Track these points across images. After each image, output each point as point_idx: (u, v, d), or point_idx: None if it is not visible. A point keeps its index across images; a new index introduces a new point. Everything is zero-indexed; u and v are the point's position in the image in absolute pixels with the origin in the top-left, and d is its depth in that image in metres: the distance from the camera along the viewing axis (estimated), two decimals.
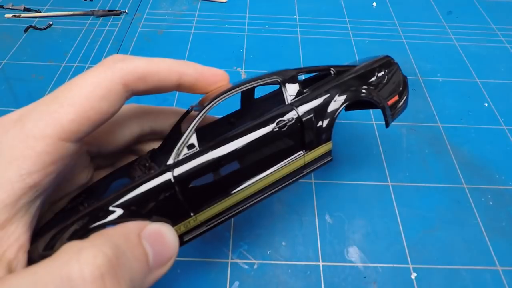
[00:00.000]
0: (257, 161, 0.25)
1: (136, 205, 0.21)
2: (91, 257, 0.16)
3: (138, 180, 0.21)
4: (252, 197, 0.25)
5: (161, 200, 0.21)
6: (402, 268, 0.34)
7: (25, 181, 0.18)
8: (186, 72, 0.23)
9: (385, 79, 0.30)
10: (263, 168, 0.25)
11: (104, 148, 0.26)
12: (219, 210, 0.24)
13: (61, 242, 0.19)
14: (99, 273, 0.16)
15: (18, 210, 0.18)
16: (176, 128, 0.27)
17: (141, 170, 0.23)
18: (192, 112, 0.27)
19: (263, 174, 0.25)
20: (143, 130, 0.27)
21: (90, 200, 0.22)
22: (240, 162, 0.24)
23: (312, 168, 0.27)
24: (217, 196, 0.24)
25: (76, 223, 0.20)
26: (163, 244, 0.20)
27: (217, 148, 0.23)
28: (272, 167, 0.25)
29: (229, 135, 0.23)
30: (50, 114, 0.19)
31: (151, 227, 0.20)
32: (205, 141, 0.23)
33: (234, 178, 0.24)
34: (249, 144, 0.23)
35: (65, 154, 0.19)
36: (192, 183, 0.22)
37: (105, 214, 0.20)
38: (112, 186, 0.24)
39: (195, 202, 0.23)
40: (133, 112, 0.27)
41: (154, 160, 0.24)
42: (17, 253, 0.18)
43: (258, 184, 0.25)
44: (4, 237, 0.18)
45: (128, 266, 0.18)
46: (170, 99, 0.48)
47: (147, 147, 0.29)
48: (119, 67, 0.21)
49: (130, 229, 0.19)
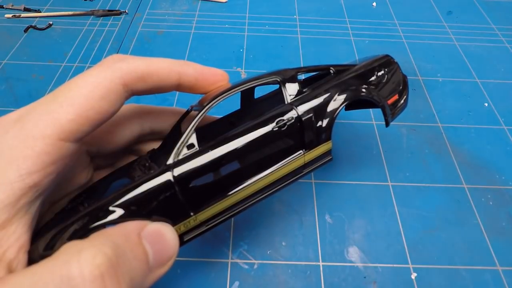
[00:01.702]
0: (256, 161, 0.25)
1: (136, 205, 0.21)
2: (91, 257, 0.16)
3: (138, 180, 0.21)
4: (252, 197, 0.25)
5: (161, 200, 0.21)
6: (402, 268, 0.34)
7: (25, 181, 0.18)
8: (186, 72, 0.23)
9: (385, 78, 0.30)
10: (263, 168, 0.25)
11: (104, 148, 0.26)
12: (219, 209, 0.24)
13: (61, 242, 0.19)
14: (99, 272, 0.16)
15: (18, 210, 0.18)
16: (176, 128, 0.27)
17: (141, 170, 0.23)
18: (192, 112, 0.27)
19: (263, 174, 0.25)
20: (143, 130, 0.27)
21: (90, 200, 0.22)
22: (240, 162, 0.24)
23: (312, 168, 0.27)
24: (217, 195, 0.24)
25: (76, 223, 0.20)
26: (163, 243, 0.20)
27: (216, 148, 0.23)
28: (272, 166, 0.25)
29: (228, 135, 0.23)
30: (50, 114, 0.19)
31: (151, 227, 0.20)
32: (205, 141, 0.23)
33: (234, 178, 0.24)
34: (248, 144, 0.23)
35: (64, 154, 0.19)
36: (192, 183, 0.22)
37: (105, 214, 0.20)
38: (112, 186, 0.24)
39: (195, 201, 0.23)
40: (133, 112, 0.27)
41: (154, 160, 0.24)
42: (17, 253, 0.18)
43: (258, 184, 0.25)
44: (4, 237, 0.18)
45: (128, 265, 0.18)
46: (170, 99, 0.48)
47: (147, 147, 0.29)
48: (119, 67, 0.21)
49: (130, 228, 0.19)
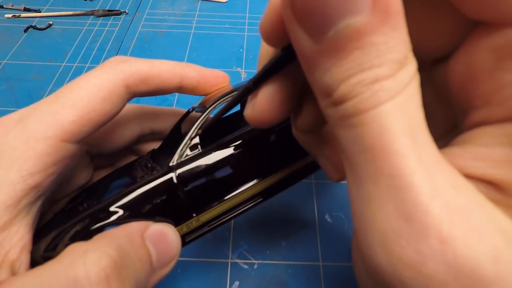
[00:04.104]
0: (259, 163, 0.25)
1: (139, 205, 0.21)
2: (97, 259, 0.16)
3: (141, 180, 0.21)
4: (254, 198, 0.25)
5: (164, 201, 0.21)
6: None
7: (26, 182, 0.18)
8: (187, 74, 0.24)
9: None
10: (265, 169, 0.25)
11: (104, 149, 0.26)
12: (221, 210, 0.24)
13: (63, 243, 0.20)
14: (104, 274, 0.16)
15: (19, 211, 0.18)
16: (176, 128, 0.27)
17: (143, 170, 0.23)
18: (193, 113, 0.27)
19: (266, 175, 0.25)
20: (143, 131, 0.27)
21: (90, 200, 0.22)
22: (243, 164, 0.24)
23: (316, 167, 0.27)
24: (220, 197, 0.24)
25: (78, 223, 0.20)
26: (165, 244, 0.20)
27: (219, 150, 0.23)
28: (275, 168, 0.25)
29: (231, 137, 0.23)
30: (52, 115, 0.19)
31: (154, 228, 0.20)
32: (207, 142, 0.23)
33: (237, 180, 0.24)
34: (251, 146, 0.24)
35: (66, 155, 0.20)
36: (194, 185, 0.22)
37: (107, 214, 0.20)
38: (112, 186, 0.24)
39: (198, 203, 0.23)
40: (133, 113, 0.27)
41: (155, 160, 0.24)
42: (20, 253, 0.18)
43: (260, 185, 0.25)
44: (6, 238, 0.18)
45: (132, 267, 0.18)
46: (170, 99, 0.48)
47: (146, 147, 0.29)
48: (121, 69, 0.21)
49: (133, 230, 0.19)
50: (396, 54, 0.11)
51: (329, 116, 0.12)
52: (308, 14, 0.11)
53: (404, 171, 0.10)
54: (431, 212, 0.10)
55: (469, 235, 0.10)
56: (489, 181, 0.12)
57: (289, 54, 0.13)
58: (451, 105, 0.15)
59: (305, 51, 0.12)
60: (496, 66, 0.12)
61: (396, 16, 0.10)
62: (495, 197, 0.12)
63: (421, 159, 0.10)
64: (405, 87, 0.11)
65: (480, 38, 0.12)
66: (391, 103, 0.11)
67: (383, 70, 0.10)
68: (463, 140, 0.13)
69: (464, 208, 0.10)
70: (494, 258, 0.10)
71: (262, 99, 0.16)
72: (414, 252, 0.10)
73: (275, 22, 0.13)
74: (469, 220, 0.10)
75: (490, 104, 0.12)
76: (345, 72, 0.11)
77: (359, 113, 0.11)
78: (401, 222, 0.10)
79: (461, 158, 0.13)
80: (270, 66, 0.15)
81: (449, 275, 0.10)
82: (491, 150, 0.12)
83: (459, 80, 0.14)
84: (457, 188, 0.11)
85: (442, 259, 0.10)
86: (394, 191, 0.10)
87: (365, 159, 0.11)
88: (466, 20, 0.12)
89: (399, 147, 0.10)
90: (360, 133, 0.11)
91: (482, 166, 0.12)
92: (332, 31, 0.11)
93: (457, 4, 0.12)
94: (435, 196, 0.10)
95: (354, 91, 0.11)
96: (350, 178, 0.12)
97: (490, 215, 0.11)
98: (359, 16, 0.10)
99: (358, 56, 0.11)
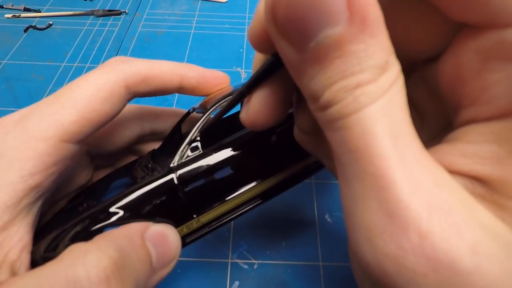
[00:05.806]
0: (260, 164, 0.25)
1: (139, 206, 0.21)
2: (97, 259, 0.16)
3: (142, 181, 0.21)
4: (255, 199, 0.25)
5: (165, 202, 0.21)
6: None
7: (26, 182, 0.18)
8: (188, 75, 0.24)
9: None
10: (267, 170, 0.25)
11: (104, 149, 0.26)
12: (221, 211, 0.24)
13: (64, 243, 0.20)
14: (104, 275, 0.16)
15: (20, 211, 0.18)
16: (176, 129, 0.27)
17: (143, 171, 0.23)
18: (194, 113, 0.27)
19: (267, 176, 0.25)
20: (143, 131, 0.27)
21: (90, 200, 0.22)
22: (244, 165, 0.24)
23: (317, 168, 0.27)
24: (221, 198, 0.24)
25: (78, 224, 0.20)
26: (166, 245, 0.20)
27: (220, 151, 0.23)
28: (276, 169, 0.25)
29: (232, 138, 0.23)
30: (52, 115, 0.19)
31: (154, 228, 0.20)
32: (208, 143, 0.23)
33: (238, 181, 0.24)
34: (252, 146, 0.23)
35: (66, 155, 0.20)
36: (195, 186, 0.22)
37: (108, 215, 0.20)
38: (112, 186, 0.24)
39: (198, 204, 0.23)
40: (133, 113, 0.27)
41: (156, 161, 0.24)
42: (20, 254, 0.18)
43: (261, 186, 0.25)
44: (7, 239, 0.18)
45: (133, 267, 0.18)
46: (170, 100, 0.48)
47: (146, 147, 0.29)
48: (121, 69, 0.21)
49: (133, 230, 0.19)
50: (376, 60, 0.11)
51: (318, 119, 0.13)
52: (289, 28, 0.11)
53: (386, 171, 0.11)
54: (411, 208, 0.11)
55: (448, 229, 0.10)
56: (475, 177, 0.12)
57: (278, 60, 0.14)
58: (444, 104, 0.15)
59: (290, 60, 0.12)
60: (482, 67, 0.12)
61: (374, 24, 0.11)
62: (481, 192, 0.12)
63: (402, 158, 0.11)
64: (387, 90, 0.11)
65: (466, 40, 0.13)
66: (373, 106, 0.11)
67: (364, 76, 0.11)
68: (453, 138, 0.14)
69: (444, 204, 0.11)
70: (472, 251, 0.10)
71: (255, 103, 0.17)
72: (396, 246, 0.11)
73: (262, 31, 0.14)
74: (448, 215, 0.11)
75: (478, 103, 0.13)
76: (328, 79, 0.11)
77: (343, 117, 0.12)
78: (384, 218, 0.11)
79: (450, 155, 0.13)
80: (261, 71, 0.16)
81: (428, 267, 0.10)
82: (478, 147, 0.13)
83: (448, 80, 0.14)
84: (439, 185, 0.11)
85: (422, 253, 0.10)
86: (377, 189, 0.11)
87: (351, 160, 0.12)
88: (453, 22, 0.13)
89: (380, 148, 0.11)
90: (345, 135, 0.12)
91: (470, 162, 0.13)
92: (313, 42, 0.11)
93: (442, 7, 0.13)
94: (415, 193, 0.11)
95: (338, 97, 0.11)
96: (340, 177, 0.13)
97: (472, 210, 0.11)
98: (337, 27, 0.11)
99: (340, 64, 0.11)
